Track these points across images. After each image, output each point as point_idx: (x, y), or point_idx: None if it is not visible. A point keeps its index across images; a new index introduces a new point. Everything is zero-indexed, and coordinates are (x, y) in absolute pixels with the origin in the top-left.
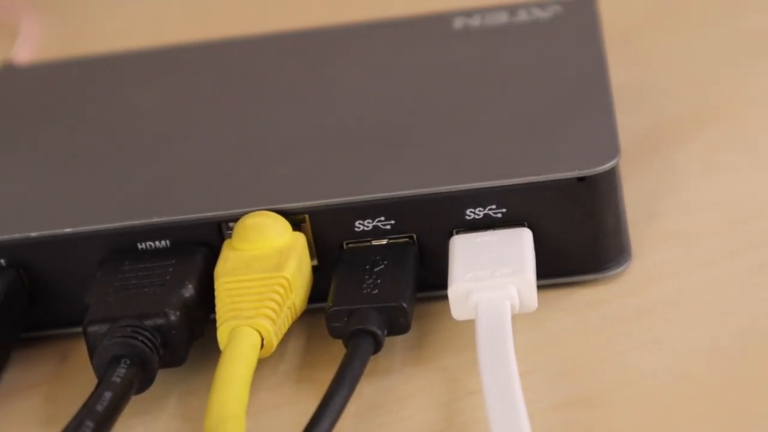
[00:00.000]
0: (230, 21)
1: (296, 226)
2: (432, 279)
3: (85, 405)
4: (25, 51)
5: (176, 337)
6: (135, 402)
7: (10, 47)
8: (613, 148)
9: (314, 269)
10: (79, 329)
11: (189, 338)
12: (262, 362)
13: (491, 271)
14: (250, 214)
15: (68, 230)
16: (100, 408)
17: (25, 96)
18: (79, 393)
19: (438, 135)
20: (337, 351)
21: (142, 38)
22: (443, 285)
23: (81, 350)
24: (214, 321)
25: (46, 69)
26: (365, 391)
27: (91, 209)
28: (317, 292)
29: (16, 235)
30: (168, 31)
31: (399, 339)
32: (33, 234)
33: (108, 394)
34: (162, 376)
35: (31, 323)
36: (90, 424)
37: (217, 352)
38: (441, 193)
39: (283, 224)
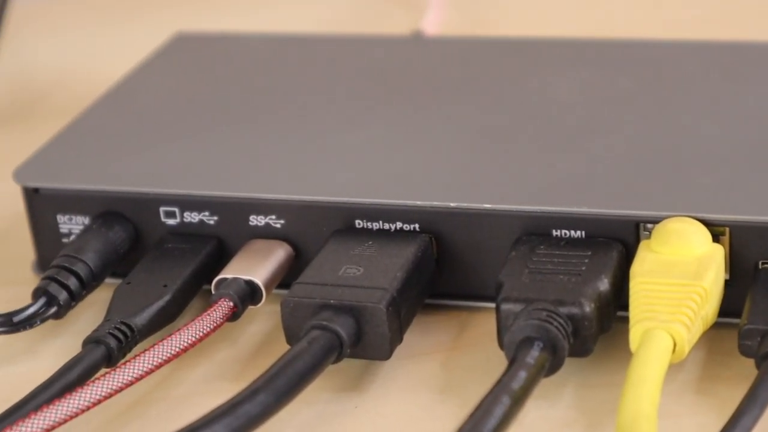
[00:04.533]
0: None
1: (714, 237)
2: None
3: (500, 381)
4: (434, 23)
5: (587, 328)
6: None
7: (420, 18)
8: None
9: (725, 283)
10: (480, 303)
11: (598, 331)
12: None
13: None
14: (672, 219)
15: (487, 206)
16: (515, 386)
17: (434, 66)
18: (474, 365)
19: None
20: (738, 368)
21: (550, 27)
22: None
23: (479, 324)
24: (620, 318)
25: (454, 43)
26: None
27: (510, 189)
28: (723, 307)
29: (436, 203)
30: (574, 23)
31: None
32: (452, 204)
33: (522, 374)
34: None
35: (433, 290)
36: (506, 400)
37: (619, 349)
38: None
39: (705, 234)
